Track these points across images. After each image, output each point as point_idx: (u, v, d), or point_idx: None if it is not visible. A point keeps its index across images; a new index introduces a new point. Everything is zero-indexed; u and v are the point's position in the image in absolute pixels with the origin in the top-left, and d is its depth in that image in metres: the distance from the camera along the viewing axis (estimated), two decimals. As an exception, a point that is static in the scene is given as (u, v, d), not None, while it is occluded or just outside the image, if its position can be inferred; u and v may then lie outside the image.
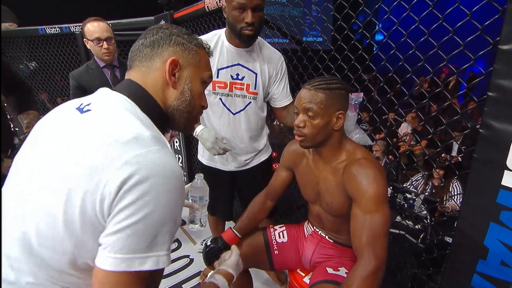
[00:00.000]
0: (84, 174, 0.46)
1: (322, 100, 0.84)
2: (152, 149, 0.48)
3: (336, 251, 1.06)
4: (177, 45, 0.60)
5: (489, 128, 0.75)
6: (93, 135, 0.49)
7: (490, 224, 0.78)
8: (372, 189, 0.79)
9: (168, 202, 0.47)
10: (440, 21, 0.89)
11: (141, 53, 0.59)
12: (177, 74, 0.60)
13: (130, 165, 0.45)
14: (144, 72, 0.59)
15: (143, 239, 0.45)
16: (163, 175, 0.46)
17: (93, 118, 0.52)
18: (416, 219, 1.93)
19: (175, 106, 0.61)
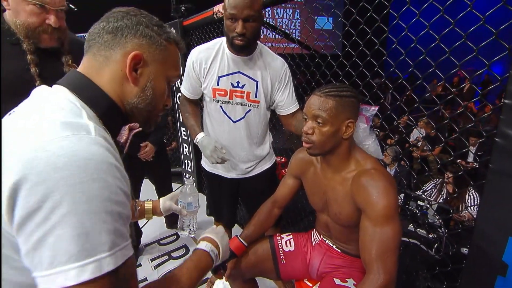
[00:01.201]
0: None
1: (332, 107, 0.82)
2: (58, 137, 0.40)
3: (344, 261, 1.03)
4: (143, 37, 0.53)
5: (506, 137, 0.72)
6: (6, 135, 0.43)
7: (509, 239, 0.74)
8: (383, 202, 0.77)
9: (87, 195, 0.39)
10: (451, 26, 0.86)
11: (101, 39, 0.52)
12: (139, 70, 0.54)
13: (26, 162, 0.38)
14: (101, 62, 0.53)
15: (70, 245, 0.38)
16: (71, 165, 0.39)
17: (13, 118, 0.47)
18: (430, 228, 1.86)
19: (134, 103, 0.55)
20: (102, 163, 0.41)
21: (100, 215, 0.40)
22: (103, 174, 0.41)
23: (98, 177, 0.40)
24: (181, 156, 2.98)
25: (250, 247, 1.13)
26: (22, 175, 0.37)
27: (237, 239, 1.13)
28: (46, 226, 0.37)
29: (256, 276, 1.19)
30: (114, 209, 0.42)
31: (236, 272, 1.12)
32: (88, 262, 0.38)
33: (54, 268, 0.37)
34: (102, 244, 0.40)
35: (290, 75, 1.28)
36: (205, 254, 0.73)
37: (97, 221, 0.40)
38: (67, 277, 0.38)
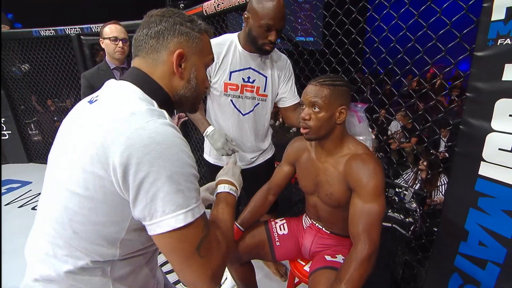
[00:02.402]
0: (95, 153, 0.50)
1: (327, 95, 0.91)
2: (150, 120, 0.51)
3: (333, 240, 1.13)
4: (181, 35, 0.61)
5: (468, 125, 0.85)
6: (97, 118, 0.54)
7: (470, 210, 0.87)
8: (373, 182, 0.87)
9: (181, 162, 0.51)
10: (424, 29, 0.99)
11: (147, 45, 0.61)
12: (183, 65, 0.62)
13: (133, 139, 0.48)
14: (151, 64, 0.61)
15: (176, 198, 0.50)
16: (167, 140, 0.50)
17: (99, 105, 0.57)
18: (407, 212, 2.04)
19: (182, 94, 0.64)
20: (181, 139, 0.53)
21: (189, 177, 0.53)
22: (185, 147, 0.53)
23: (183, 149, 0.52)
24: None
25: (246, 231, 1.20)
26: (131, 149, 0.48)
27: (234, 225, 1.20)
28: (158, 184, 0.49)
29: (253, 259, 1.26)
30: (195, 172, 0.55)
31: (234, 256, 1.19)
32: (188, 209, 0.52)
33: (167, 215, 0.50)
34: (192, 198, 0.53)
35: (292, 70, 1.37)
36: (227, 194, 0.79)
37: (188, 181, 0.52)
38: (177, 220, 0.50)
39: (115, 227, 0.55)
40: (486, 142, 0.80)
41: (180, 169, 0.51)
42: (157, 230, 0.51)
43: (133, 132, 0.49)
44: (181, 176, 0.51)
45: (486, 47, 0.76)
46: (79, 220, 0.54)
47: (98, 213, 0.53)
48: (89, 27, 2.83)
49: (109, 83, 0.63)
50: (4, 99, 3.42)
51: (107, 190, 0.51)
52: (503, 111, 0.75)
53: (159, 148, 0.49)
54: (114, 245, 0.57)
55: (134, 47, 0.63)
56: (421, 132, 1.22)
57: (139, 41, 0.62)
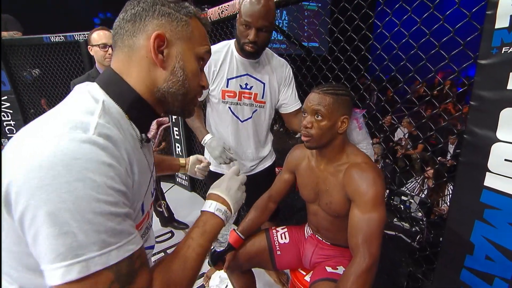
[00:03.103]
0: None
1: (329, 103, 0.90)
2: (51, 137, 0.40)
3: (334, 251, 1.11)
4: (162, 16, 0.51)
5: (472, 134, 0.82)
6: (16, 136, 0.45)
7: (475, 222, 0.84)
8: (371, 191, 0.85)
9: (73, 196, 0.38)
10: (427, 36, 0.97)
11: (122, 30, 0.51)
12: (165, 51, 0.51)
13: (18, 162, 0.39)
14: (126, 53, 0.51)
15: (57, 244, 0.38)
16: (57, 165, 0.38)
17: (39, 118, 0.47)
18: (413, 221, 1.99)
19: (165, 88, 0.53)
20: (91, 162, 0.40)
21: (87, 215, 0.39)
22: (90, 174, 0.40)
23: (84, 177, 0.39)
24: (173, 155, 3.01)
25: (247, 240, 1.19)
26: (13, 175, 0.38)
27: (234, 233, 1.18)
28: (36, 223, 0.38)
29: (253, 267, 1.25)
30: (105, 209, 0.41)
31: (234, 264, 1.18)
32: (75, 262, 0.38)
33: (45, 264, 0.39)
34: (91, 244, 0.39)
35: (293, 75, 1.35)
36: (211, 216, 0.62)
37: (84, 221, 0.39)
38: (55, 275, 0.38)
39: (32, 258, 0.43)
40: (492, 152, 0.77)
41: (71, 205, 0.38)
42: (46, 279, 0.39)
43: (21, 153, 0.40)
44: (71, 215, 0.38)
45: (490, 55, 0.74)
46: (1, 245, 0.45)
47: (9, 241, 0.44)
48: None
49: (77, 86, 0.53)
50: (15, 103, 3.52)
51: (5, 218, 0.42)
52: (508, 121, 0.73)
53: (43, 175, 0.37)
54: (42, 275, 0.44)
55: (112, 38, 0.54)
56: (428, 139, 1.19)
57: (115, 28, 0.52)
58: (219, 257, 1.14)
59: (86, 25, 3.07)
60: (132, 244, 0.44)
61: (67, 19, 4.74)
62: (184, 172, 1.08)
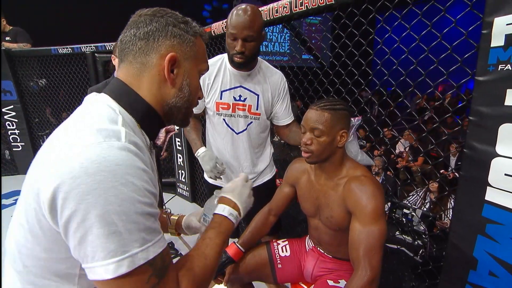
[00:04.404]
0: (31, 184, 0.46)
1: (327, 119, 0.92)
2: (91, 144, 0.43)
3: (336, 265, 1.10)
4: (174, 37, 0.54)
5: (472, 148, 0.83)
6: (49, 142, 0.49)
7: (478, 237, 0.84)
8: (371, 205, 0.85)
9: (119, 198, 0.42)
10: (425, 53, 1.00)
11: (134, 47, 0.53)
12: (175, 70, 0.55)
13: (62, 169, 0.42)
14: (138, 69, 0.54)
15: (107, 243, 0.42)
16: (103, 171, 0.42)
17: (61, 125, 0.51)
18: (415, 234, 1.97)
19: (173, 103, 0.57)
20: (130, 167, 0.44)
21: (131, 216, 0.43)
22: (131, 178, 0.44)
23: (127, 182, 0.43)
24: (174, 166, 3.02)
25: (247, 252, 1.18)
26: (60, 181, 0.41)
27: (235, 245, 1.17)
28: (86, 225, 0.41)
29: (254, 280, 1.23)
30: (144, 209, 0.45)
31: (234, 277, 1.16)
32: (123, 257, 0.43)
33: (96, 262, 0.42)
34: (134, 241, 0.44)
35: (288, 89, 1.36)
36: (224, 219, 0.68)
37: (129, 221, 0.43)
38: (107, 270, 0.42)
39: (63, 264, 0.48)
40: (492, 167, 0.78)
41: (117, 207, 0.42)
42: (91, 276, 0.44)
43: (64, 160, 0.42)
44: (118, 216, 0.42)
45: (487, 72, 0.76)
46: (26, 253, 0.49)
47: (41, 249, 0.47)
48: (103, 45, 2.98)
49: (87, 98, 0.56)
50: (20, 112, 3.57)
51: (43, 225, 0.45)
52: (507, 136, 0.74)
53: (90, 180, 0.41)
54: (71, 281, 0.50)
55: (119, 51, 0.56)
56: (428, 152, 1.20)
57: (125, 43, 0.54)
58: (219, 270, 1.13)
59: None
60: (162, 242, 0.48)
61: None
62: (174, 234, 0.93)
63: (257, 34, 1.12)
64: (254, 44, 1.13)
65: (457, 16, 0.91)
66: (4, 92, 3.44)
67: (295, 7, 1.37)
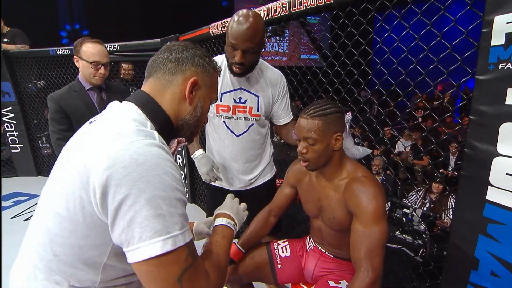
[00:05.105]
0: (78, 173, 0.50)
1: (319, 127, 0.90)
2: (135, 140, 0.50)
3: (337, 265, 1.10)
4: (199, 66, 0.66)
5: (473, 148, 0.83)
6: (87, 138, 0.55)
7: (479, 237, 0.83)
8: (372, 205, 0.85)
9: (163, 185, 0.49)
10: (425, 52, 1.00)
11: (165, 67, 0.64)
12: (194, 92, 0.65)
13: (114, 160, 0.48)
14: (164, 85, 0.64)
15: (154, 223, 0.48)
16: (149, 162, 0.49)
17: (94, 125, 0.59)
18: (415, 234, 1.96)
19: (186, 120, 0.67)
20: (168, 161, 0.52)
21: (172, 201, 0.50)
22: (170, 169, 0.51)
23: (168, 171, 0.51)
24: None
25: (247, 253, 1.18)
26: (112, 170, 0.47)
27: (235, 246, 1.17)
28: (136, 208, 0.47)
29: (254, 281, 1.23)
30: (181, 197, 0.53)
31: (234, 278, 1.16)
32: (168, 237, 0.49)
33: (143, 241, 0.48)
34: (175, 224, 0.50)
35: (287, 88, 1.35)
36: (225, 227, 0.78)
37: (171, 205, 0.50)
38: (154, 248, 0.48)
39: (95, 251, 0.54)
40: (493, 166, 0.77)
41: (162, 192, 0.49)
42: (134, 257, 0.49)
43: (115, 152, 0.49)
44: (163, 200, 0.49)
45: (487, 71, 0.76)
46: (59, 242, 0.53)
47: (77, 236, 0.52)
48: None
49: (112, 104, 0.65)
50: (18, 114, 3.55)
51: (86, 212, 0.50)
52: (508, 135, 0.73)
53: (140, 169, 0.48)
54: (96, 270, 0.56)
55: (149, 68, 0.67)
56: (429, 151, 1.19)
57: (157, 62, 0.65)
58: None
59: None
60: (189, 231, 0.55)
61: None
62: None
63: (258, 45, 1.09)
64: (254, 56, 1.11)
65: (455, 15, 0.90)
66: (3, 93, 3.42)
67: (294, 6, 1.36)
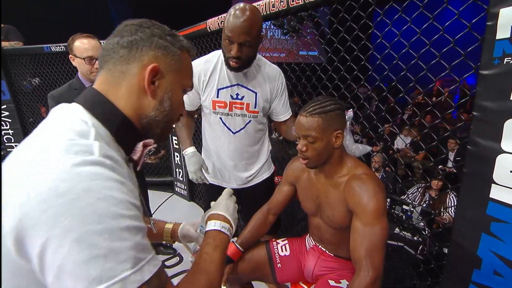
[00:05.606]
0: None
1: (319, 124, 0.88)
2: (60, 161, 0.39)
3: (338, 264, 1.08)
4: (158, 48, 0.52)
5: (476, 144, 0.81)
6: (12, 157, 0.44)
7: (482, 235, 0.82)
8: (372, 203, 0.84)
9: (97, 215, 0.38)
10: (427, 46, 0.97)
11: (116, 54, 0.51)
12: (156, 82, 0.53)
13: (28, 192, 0.37)
14: (117, 77, 0.51)
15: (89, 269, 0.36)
16: (75, 188, 0.37)
17: (25, 141, 0.46)
18: (415, 231, 1.96)
19: (152, 116, 0.54)
20: (107, 180, 0.40)
21: (115, 233, 0.38)
22: (109, 191, 0.40)
23: (106, 196, 0.39)
24: (172, 165, 2.98)
25: (246, 252, 1.16)
26: (26, 206, 0.36)
27: (233, 245, 1.16)
28: (62, 253, 0.36)
29: (253, 280, 1.22)
30: (130, 224, 0.40)
31: (233, 278, 1.15)
32: (112, 283, 0.37)
33: None
34: (123, 262, 0.38)
35: (285, 84, 1.32)
36: (218, 233, 0.67)
37: (114, 239, 0.38)
38: None
39: None
40: (497, 164, 0.76)
41: (97, 226, 0.37)
42: None
43: (31, 181, 0.38)
44: (99, 236, 0.37)
45: (492, 66, 0.74)
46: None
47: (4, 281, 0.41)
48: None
49: (56, 108, 0.52)
50: (13, 112, 3.51)
51: (10, 260, 0.38)
52: (513, 132, 0.72)
53: (61, 201, 0.36)
54: None
55: (100, 58, 0.54)
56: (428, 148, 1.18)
57: (107, 50, 0.52)
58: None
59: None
60: (156, 259, 0.44)
61: (68, 29, 4.79)
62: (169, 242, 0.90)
63: (255, 39, 1.07)
64: (250, 49, 1.09)
65: (456, 8, 0.87)
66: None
67: (292, 1, 1.33)
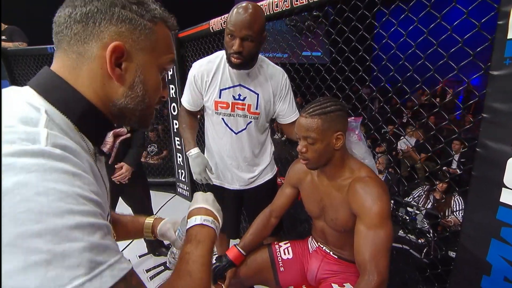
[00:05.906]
0: None
1: (318, 126, 0.87)
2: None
3: (341, 267, 1.07)
4: (122, 22, 0.42)
5: (485, 147, 0.79)
6: None
7: (492, 240, 0.80)
8: (376, 206, 0.82)
9: (35, 213, 0.30)
10: (434, 47, 0.95)
11: (69, 31, 0.41)
12: (123, 64, 0.43)
13: None
14: (74, 60, 0.42)
15: (26, 281, 0.28)
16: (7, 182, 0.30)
17: None
18: (419, 233, 1.93)
19: (122, 104, 0.45)
20: (50, 172, 0.32)
21: (62, 233, 0.31)
22: (53, 184, 0.32)
23: (47, 189, 0.31)
24: (174, 165, 2.98)
25: (248, 256, 1.15)
26: None
27: (235, 249, 1.14)
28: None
29: (255, 284, 1.20)
30: (82, 220, 0.33)
31: (235, 281, 1.13)
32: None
33: None
34: (75, 267, 0.30)
35: (290, 85, 1.31)
36: (200, 227, 0.58)
37: (59, 240, 0.30)
38: None
39: None
40: (508, 167, 0.74)
41: (36, 225, 0.29)
42: None
43: None
44: (39, 237, 0.29)
45: (503, 66, 0.72)
46: None
47: None
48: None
49: (5, 91, 0.42)
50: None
51: None
52: (525, 134, 0.70)
53: None
54: None
55: (54, 36, 0.43)
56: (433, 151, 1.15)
57: (59, 24, 0.42)
58: (219, 275, 1.10)
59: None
60: (123, 263, 0.36)
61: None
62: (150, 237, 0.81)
63: (256, 34, 1.07)
64: (253, 45, 1.08)
65: (464, 7, 0.85)
66: (1, 92, 3.40)
67: (296, 1, 1.32)
